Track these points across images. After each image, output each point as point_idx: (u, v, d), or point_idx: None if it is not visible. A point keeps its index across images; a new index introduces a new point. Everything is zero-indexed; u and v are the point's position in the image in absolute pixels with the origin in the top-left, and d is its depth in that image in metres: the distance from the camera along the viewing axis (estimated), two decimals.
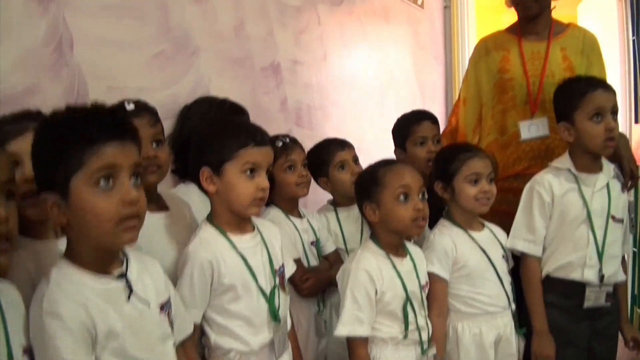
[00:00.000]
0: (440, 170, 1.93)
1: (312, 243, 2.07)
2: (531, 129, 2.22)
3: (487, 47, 2.39)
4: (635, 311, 3.76)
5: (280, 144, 2.01)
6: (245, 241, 1.54)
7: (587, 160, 1.95)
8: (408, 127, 2.31)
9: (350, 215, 2.17)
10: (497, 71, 2.31)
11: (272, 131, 2.35)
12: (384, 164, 1.76)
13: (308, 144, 2.59)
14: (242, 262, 1.51)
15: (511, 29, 2.37)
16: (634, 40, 3.67)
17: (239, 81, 2.26)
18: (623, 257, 2.05)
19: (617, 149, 2.03)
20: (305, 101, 2.66)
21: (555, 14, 2.32)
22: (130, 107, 1.53)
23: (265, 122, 2.29)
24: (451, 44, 4.14)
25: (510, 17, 2.43)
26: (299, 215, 2.08)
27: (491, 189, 1.87)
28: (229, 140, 1.50)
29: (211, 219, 1.55)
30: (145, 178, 1.47)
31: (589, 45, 2.31)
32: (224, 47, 2.18)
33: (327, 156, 2.17)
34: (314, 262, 2.06)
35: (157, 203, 1.62)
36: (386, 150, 2.38)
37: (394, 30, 3.52)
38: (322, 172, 2.18)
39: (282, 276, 1.62)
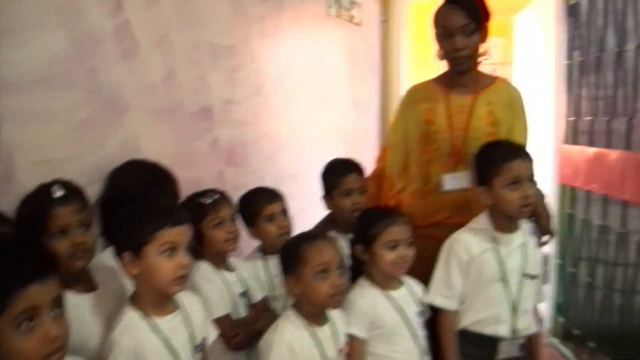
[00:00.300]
0: (361, 235, 2.02)
1: (242, 294, 2.13)
2: (453, 181, 2.31)
3: (415, 96, 2.46)
4: (557, 320, 3.97)
5: (208, 200, 2.06)
6: (167, 322, 1.60)
7: (503, 221, 2.07)
8: (335, 178, 2.40)
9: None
10: (423, 122, 2.38)
11: (201, 175, 2.42)
12: (305, 238, 1.83)
13: (242, 181, 2.65)
14: (164, 346, 1.56)
15: (439, 80, 2.44)
16: (568, 64, 3.79)
17: (169, 131, 2.28)
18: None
19: (535, 207, 2.13)
20: (238, 138, 2.70)
21: (492, 24, 2.39)
22: (58, 194, 1.55)
23: (194, 168, 2.36)
24: (388, 57, 4.21)
25: None
26: (229, 268, 2.13)
27: (408, 254, 1.97)
28: (145, 223, 1.54)
29: (134, 300, 1.59)
30: (73, 264, 1.55)
31: (514, 101, 2.41)
32: (153, 100, 2.20)
33: (256, 208, 2.23)
34: (243, 313, 2.12)
35: (85, 283, 1.65)
36: None
37: (331, 53, 3.56)
38: (250, 222, 2.24)
39: (202, 350, 1.68)
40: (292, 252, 1.80)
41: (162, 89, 2.24)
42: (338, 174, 2.40)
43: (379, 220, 1.98)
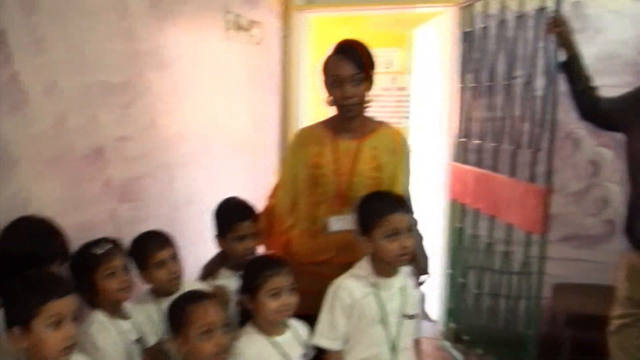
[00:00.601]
0: (246, 284, 2.12)
1: (136, 340, 2.18)
2: (338, 223, 2.43)
3: (304, 140, 2.55)
4: (449, 326, 4.20)
5: (100, 251, 2.09)
6: None
7: (384, 266, 2.20)
8: (229, 223, 2.48)
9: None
10: (311, 165, 2.48)
11: (92, 217, 2.44)
12: (190, 299, 1.91)
13: (137, 215, 2.68)
14: None
15: (328, 124, 2.54)
16: (461, 87, 3.95)
17: (59, 178, 2.28)
18: None
19: (413, 251, 2.27)
20: (132, 174, 2.72)
21: (390, 35, 2.51)
22: None
23: (85, 211, 2.38)
24: (288, 73, 4.27)
25: (347, 34, 2.60)
26: (124, 316, 2.18)
27: (291, 301, 2.09)
28: (31, 297, 1.60)
29: None
30: None
31: (399, 146, 2.54)
32: (43, 149, 2.20)
33: (146, 254, 2.28)
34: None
35: None
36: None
37: (230, 75, 3.60)
38: (141, 267, 2.29)
39: None
40: (177, 314, 1.88)
41: (52, 136, 2.24)
42: (233, 219, 2.48)
43: (263, 270, 2.09)
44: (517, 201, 3.25)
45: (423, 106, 4.87)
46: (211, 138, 3.38)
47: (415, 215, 2.48)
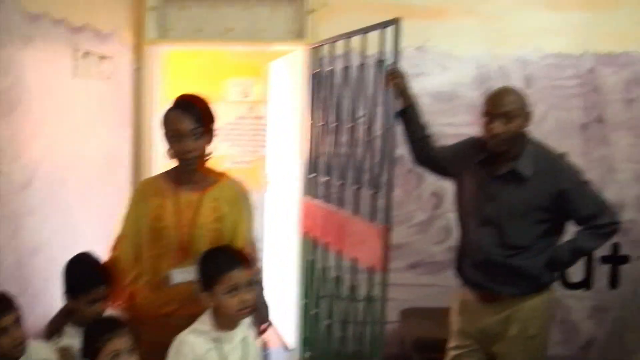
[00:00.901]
0: (86, 348, 2.14)
1: None
2: (181, 275, 2.46)
3: (145, 192, 2.58)
4: (304, 355, 4.31)
5: None
6: None
7: (225, 320, 2.27)
8: (81, 286, 2.41)
9: None
10: (153, 218, 2.51)
11: None
12: None
13: None
14: None
15: (169, 176, 2.58)
16: (311, 124, 4.08)
17: None
18: None
19: (254, 302, 2.35)
20: None
21: (247, 64, 2.56)
22: None
23: None
24: (141, 106, 4.25)
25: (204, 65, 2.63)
26: None
27: None
28: None
29: None
30: None
31: (239, 197, 2.61)
32: None
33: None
34: None
35: None
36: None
37: (79, 113, 3.54)
38: None
39: None
40: None
41: None
42: (86, 283, 2.41)
43: (102, 334, 2.11)
44: (359, 238, 3.41)
45: (279, 136, 4.99)
46: (60, 182, 3.29)
47: (259, 264, 2.57)
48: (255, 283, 2.42)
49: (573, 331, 4.45)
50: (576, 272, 4.31)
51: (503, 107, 2.73)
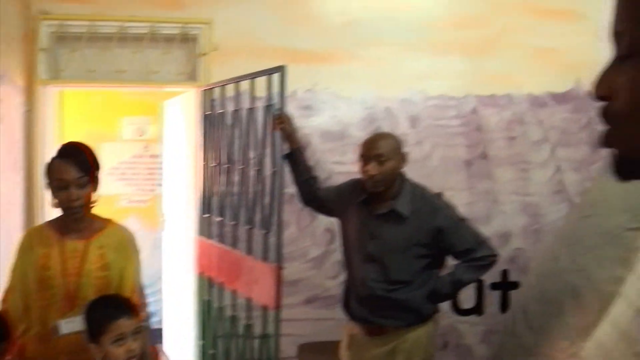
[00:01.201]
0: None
1: None
2: (69, 325, 2.46)
3: (31, 241, 2.57)
4: None
5: None
6: None
7: None
8: None
9: None
10: (39, 267, 2.50)
11: None
12: None
13: None
14: None
15: (55, 225, 2.59)
16: (204, 165, 4.13)
17: None
18: None
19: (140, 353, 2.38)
20: None
21: (142, 103, 2.58)
22: None
23: None
24: (33, 148, 4.18)
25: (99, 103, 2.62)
26: None
27: None
28: None
29: None
30: None
31: (126, 243, 2.65)
32: None
33: None
34: None
35: None
36: None
37: None
38: None
39: None
40: None
41: None
42: None
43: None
44: (253, 277, 3.48)
45: (175, 175, 5.01)
46: None
47: (146, 310, 2.59)
48: (143, 330, 2.45)
49: (468, 355, 4.64)
50: (468, 299, 4.51)
51: (376, 149, 2.90)
